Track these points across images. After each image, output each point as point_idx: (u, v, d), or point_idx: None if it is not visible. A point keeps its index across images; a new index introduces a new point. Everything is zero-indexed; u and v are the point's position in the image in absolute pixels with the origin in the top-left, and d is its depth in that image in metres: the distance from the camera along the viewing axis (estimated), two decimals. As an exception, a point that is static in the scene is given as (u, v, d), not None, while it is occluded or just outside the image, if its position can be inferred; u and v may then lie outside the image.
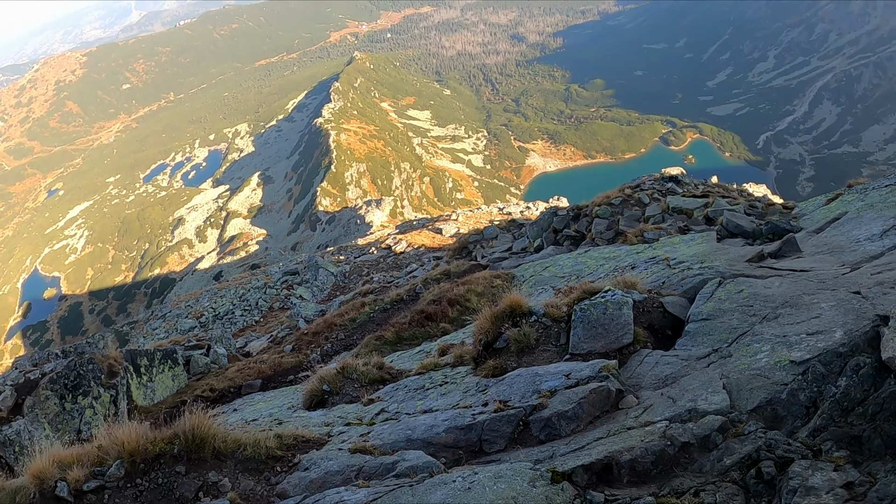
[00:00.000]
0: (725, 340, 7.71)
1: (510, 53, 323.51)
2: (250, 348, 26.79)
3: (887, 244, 10.57)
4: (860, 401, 5.56)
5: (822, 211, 16.89)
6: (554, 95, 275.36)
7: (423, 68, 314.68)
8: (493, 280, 19.38)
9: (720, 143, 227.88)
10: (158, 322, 54.68)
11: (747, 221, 17.87)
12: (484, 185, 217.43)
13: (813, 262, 10.39)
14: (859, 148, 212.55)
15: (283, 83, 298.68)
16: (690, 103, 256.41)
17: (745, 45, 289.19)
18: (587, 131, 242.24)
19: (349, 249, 60.77)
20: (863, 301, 7.33)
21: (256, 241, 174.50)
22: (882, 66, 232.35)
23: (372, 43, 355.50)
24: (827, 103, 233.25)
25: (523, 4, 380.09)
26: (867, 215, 13.10)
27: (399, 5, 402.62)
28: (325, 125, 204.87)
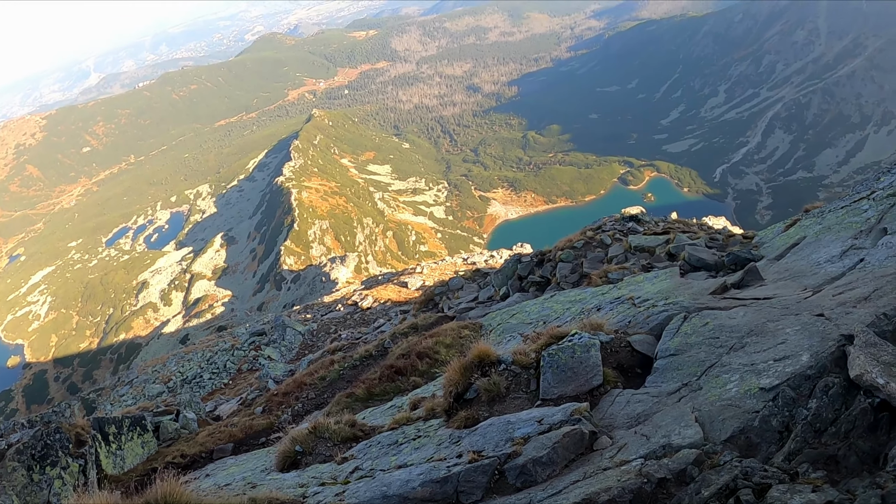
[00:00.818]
0: (694, 374, 7.71)
1: (466, 104, 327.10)
2: (220, 412, 26.39)
3: (847, 264, 10.69)
4: (832, 420, 5.62)
5: (782, 237, 17.09)
6: (512, 143, 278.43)
7: (381, 123, 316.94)
8: (461, 331, 19.31)
9: (678, 180, 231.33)
10: (126, 388, 53.78)
11: (709, 254, 18.04)
12: (447, 236, 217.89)
13: (775, 289, 10.47)
14: (814, 173, 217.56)
15: (243, 143, 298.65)
16: (646, 142, 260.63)
17: (695, 82, 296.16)
18: (546, 177, 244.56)
19: (316, 307, 60.38)
20: (827, 322, 7.39)
21: (222, 303, 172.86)
22: (830, 92, 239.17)
23: (330, 100, 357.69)
24: (779, 132, 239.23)
25: (477, 55, 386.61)
26: (826, 238, 13.28)
27: (355, 61, 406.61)
28: (287, 183, 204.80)
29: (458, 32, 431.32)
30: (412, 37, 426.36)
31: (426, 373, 17.33)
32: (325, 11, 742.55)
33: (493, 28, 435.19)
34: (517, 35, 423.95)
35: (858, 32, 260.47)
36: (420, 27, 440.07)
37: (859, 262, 10.66)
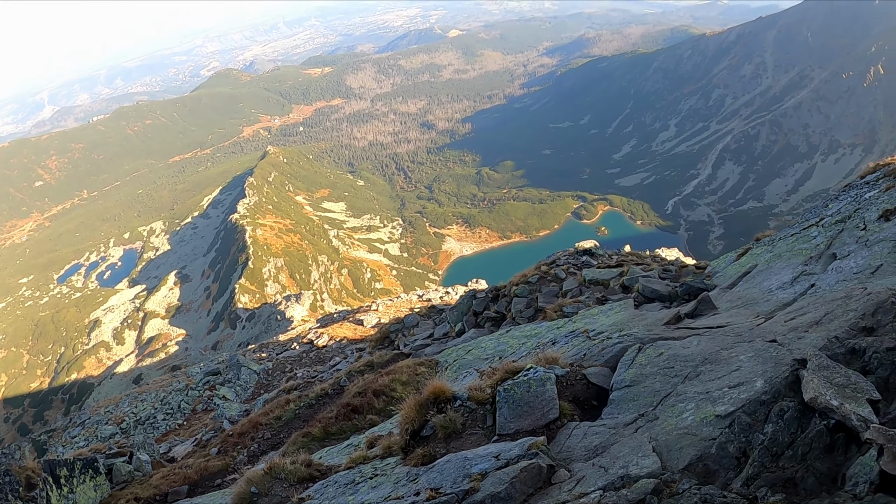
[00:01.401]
0: (650, 404, 7.70)
1: (421, 141, 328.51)
2: (175, 453, 25.91)
3: (798, 290, 10.82)
4: (789, 444, 5.65)
5: (734, 266, 17.28)
6: (466, 180, 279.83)
7: (336, 160, 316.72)
8: (417, 368, 19.22)
9: (631, 213, 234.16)
10: (77, 430, 52.53)
11: (662, 285, 18.14)
12: (402, 273, 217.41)
13: (728, 317, 10.54)
14: (764, 202, 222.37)
15: (197, 179, 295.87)
16: (599, 177, 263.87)
17: (646, 117, 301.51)
18: (501, 212, 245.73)
19: (271, 346, 59.82)
20: (779, 348, 7.46)
21: (176, 342, 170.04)
22: (777, 123, 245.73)
23: (285, 137, 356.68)
24: (729, 163, 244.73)
25: (431, 93, 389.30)
26: (777, 265, 13.44)
27: (310, 98, 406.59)
28: (241, 221, 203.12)
29: (412, 70, 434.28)
30: (367, 74, 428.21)
31: (383, 411, 17.18)
32: (281, 48, 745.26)
33: (446, 66, 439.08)
34: (471, 72, 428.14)
35: (804, 65, 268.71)
36: (375, 65, 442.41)
37: (810, 287, 10.80)
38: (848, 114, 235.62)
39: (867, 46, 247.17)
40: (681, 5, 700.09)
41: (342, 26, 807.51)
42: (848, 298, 8.11)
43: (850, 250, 11.63)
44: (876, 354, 6.34)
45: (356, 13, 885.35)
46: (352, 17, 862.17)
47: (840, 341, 6.93)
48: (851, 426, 5.33)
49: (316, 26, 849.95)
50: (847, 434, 5.37)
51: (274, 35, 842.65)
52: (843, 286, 9.87)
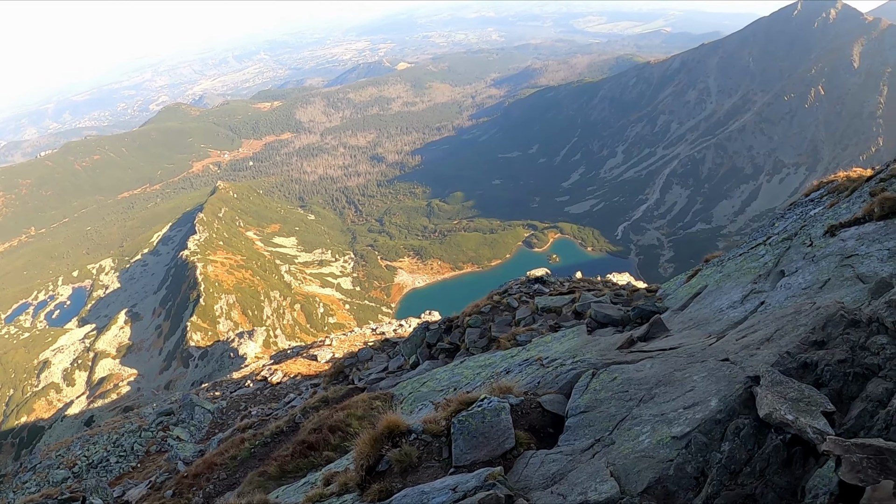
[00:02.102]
0: (606, 429, 7.66)
1: (371, 174, 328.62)
2: (129, 497, 25.36)
3: (748, 308, 10.92)
4: (747, 461, 5.65)
5: (685, 288, 17.44)
6: (416, 212, 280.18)
7: (286, 194, 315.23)
8: (373, 402, 19.05)
9: (581, 239, 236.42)
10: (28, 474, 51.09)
11: (614, 310, 18.22)
12: (355, 307, 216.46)
13: (681, 339, 10.57)
14: (712, 224, 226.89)
15: (146, 215, 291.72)
16: (549, 205, 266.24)
17: (594, 145, 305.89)
18: (452, 243, 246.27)
19: (225, 384, 58.91)
20: (732, 367, 7.48)
21: (128, 382, 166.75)
22: (722, 147, 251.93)
23: (235, 171, 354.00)
24: (676, 187, 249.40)
25: (381, 125, 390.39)
26: (726, 285, 13.58)
27: (260, 133, 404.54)
28: (192, 257, 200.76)
29: (361, 103, 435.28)
30: (316, 108, 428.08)
31: (339, 447, 16.97)
32: (231, 82, 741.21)
33: (396, 98, 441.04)
34: (420, 105, 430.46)
35: (747, 89, 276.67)
36: (324, 98, 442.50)
37: (760, 305, 10.91)
38: (791, 134, 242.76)
39: (807, 69, 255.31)
40: (625, 34, 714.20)
41: (291, 60, 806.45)
42: (798, 314, 8.16)
43: (797, 266, 11.79)
44: (828, 367, 6.39)
45: (305, 47, 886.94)
46: (301, 50, 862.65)
47: (792, 356, 6.96)
48: (808, 439, 5.36)
49: (265, 60, 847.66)
50: (804, 447, 5.41)
51: (223, 69, 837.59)
52: (792, 302, 9.97)
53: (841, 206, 14.95)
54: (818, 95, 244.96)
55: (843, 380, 6.15)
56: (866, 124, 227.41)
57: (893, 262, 9.90)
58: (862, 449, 4.79)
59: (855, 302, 8.82)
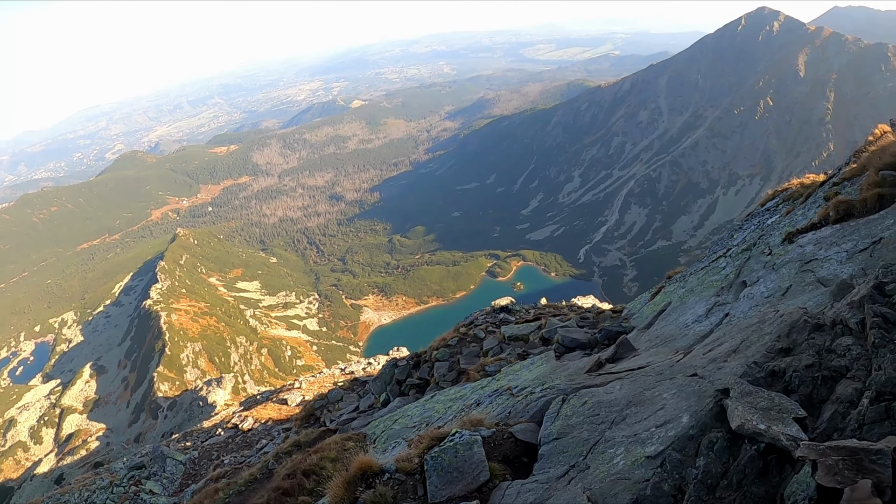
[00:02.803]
0: (580, 454, 7.62)
1: (331, 214, 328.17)
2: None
3: (713, 321, 10.95)
4: (723, 474, 5.64)
5: (650, 306, 17.50)
6: (378, 249, 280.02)
7: (247, 238, 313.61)
8: (345, 443, 18.81)
9: (544, 265, 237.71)
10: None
11: (581, 333, 18.19)
12: (323, 347, 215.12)
13: (648, 357, 10.58)
14: (672, 240, 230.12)
15: (107, 266, 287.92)
16: (510, 234, 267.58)
17: (550, 171, 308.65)
18: (416, 278, 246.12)
19: (195, 434, 58.06)
20: (701, 381, 7.49)
21: (96, 437, 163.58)
22: (677, 163, 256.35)
23: (194, 218, 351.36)
24: (635, 207, 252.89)
25: (338, 164, 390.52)
26: (690, 300, 13.64)
27: (218, 177, 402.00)
28: (155, 307, 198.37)
29: (317, 143, 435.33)
30: (273, 150, 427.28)
31: (314, 491, 16.72)
32: (186, 127, 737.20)
33: (351, 136, 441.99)
34: (376, 141, 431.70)
35: (697, 106, 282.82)
36: (280, 140, 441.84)
37: (725, 317, 10.94)
38: (743, 146, 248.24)
39: (755, 82, 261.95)
40: (575, 60, 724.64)
41: (246, 103, 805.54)
42: (762, 323, 8.19)
43: (759, 276, 11.87)
44: (796, 373, 6.41)
45: (259, 89, 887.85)
46: (255, 93, 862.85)
47: (759, 366, 6.97)
48: (782, 447, 5.37)
49: (220, 104, 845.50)
50: (779, 455, 5.40)
51: (178, 115, 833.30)
52: (756, 311, 10.01)
53: (797, 212, 15.15)
54: (767, 106, 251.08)
55: (812, 384, 6.17)
56: (816, 131, 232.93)
57: (853, 264, 9.99)
58: (837, 451, 4.79)
59: (818, 306, 8.86)
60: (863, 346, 6.18)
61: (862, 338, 6.36)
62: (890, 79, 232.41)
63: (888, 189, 11.95)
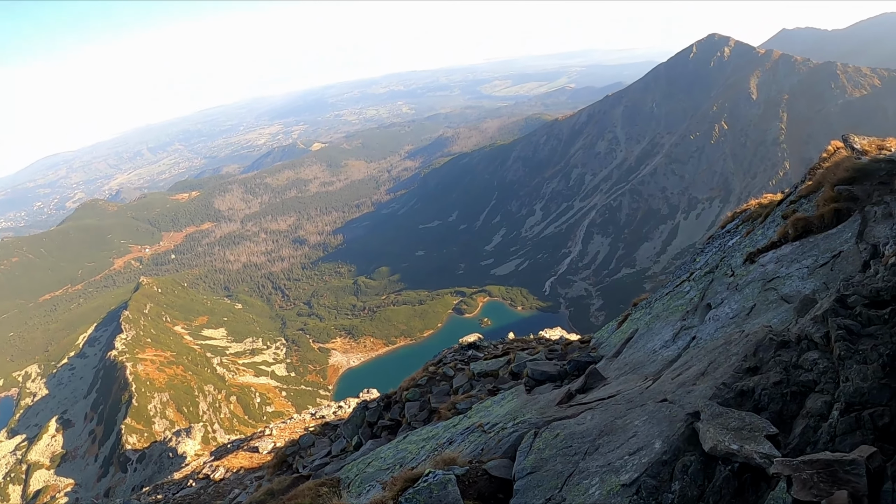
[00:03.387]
0: (556, 487, 7.59)
1: (294, 258, 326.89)
2: None
3: (681, 345, 10.98)
4: (699, 496, 5.69)
5: (617, 334, 17.56)
6: (344, 291, 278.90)
7: (211, 285, 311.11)
8: (319, 489, 18.58)
9: (510, 300, 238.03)
10: None
11: (550, 366, 18.17)
12: (292, 392, 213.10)
13: (618, 386, 10.57)
14: (636, 267, 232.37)
15: (70, 317, 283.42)
16: (475, 270, 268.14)
17: (512, 205, 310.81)
18: (382, 319, 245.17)
19: (166, 486, 57.06)
20: (671, 406, 7.50)
21: (65, 493, 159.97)
22: (637, 191, 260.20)
23: (157, 266, 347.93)
24: (597, 237, 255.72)
25: (300, 208, 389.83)
26: (656, 325, 13.69)
27: (180, 224, 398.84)
28: (120, 357, 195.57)
29: (279, 187, 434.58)
30: (235, 195, 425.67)
31: (289, 539, 16.45)
32: (147, 175, 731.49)
33: (313, 179, 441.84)
34: (337, 184, 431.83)
35: (654, 134, 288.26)
36: (242, 185, 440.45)
37: (692, 340, 10.98)
38: (701, 171, 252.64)
39: (709, 107, 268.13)
40: (531, 95, 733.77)
41: (206, 149, 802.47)
42: (728, 344, 8.22)
43: (722, 297, 11.96)
44: (765, 391, 6.44)
45: (219, 135, 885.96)
46: (215, 139, 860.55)
47: (728, 387, 6.99)
48: (756, 465, 5.41)
49: (180, 150, 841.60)
50: (753, 473, 5.44)
51: (139, 162, 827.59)
52: (722, 333, 10.06)
53: (757, 232, 15.36)
54: (722, 130, 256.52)
55: (781, 401, 6.21)
56: (771, 151, 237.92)
57: (814, 279, 10.10)
58: (810, 465, 4.79)
59: (782, 323, 8.93)
60: (829, 360, 6.24)
61: (828, 351, 6.42)
62: (840, 95, 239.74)
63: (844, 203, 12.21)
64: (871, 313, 6.61)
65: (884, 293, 6.90)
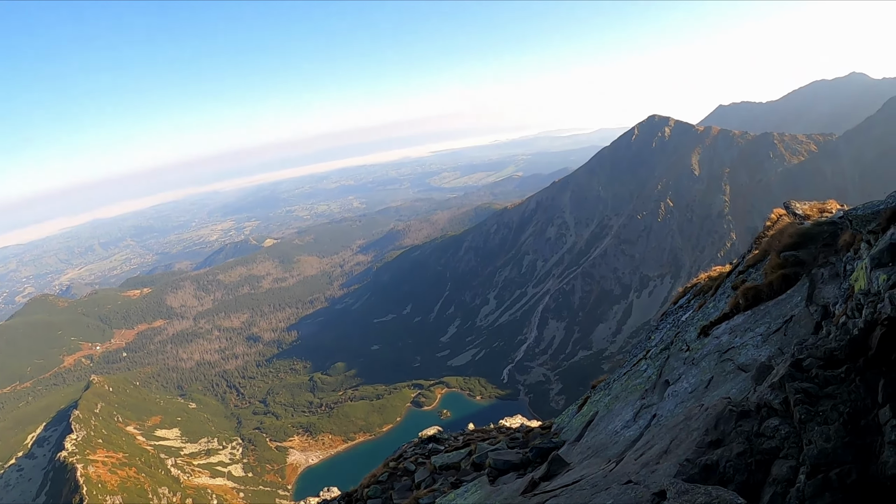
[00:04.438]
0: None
1: (249, 355, 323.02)
2: None
3: (642, 424, 10.94)
4: None
5: (578, 418, 17.46)
6: (300, 388, 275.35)
7: (164, 384, 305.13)
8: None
9: (469, 390, 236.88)
10: None
11: (513, 454, 17.98)
12: (250, 493, 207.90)
13: (582, 471, 10.46)
14: (593, 349, 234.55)
15: (18, 416, 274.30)
16: (431, 362, 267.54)
17: (466, 296, 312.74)
18: (340, 415, 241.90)
19: None
20: (636, 487, 7.38)
21: None
22: (589, 274, 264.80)
23: (108, 364, 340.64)
24: (553, 322, 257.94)
25: (253, 305, 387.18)
26: (616, 406, 13.66)
27: (131, 322, 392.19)
28: (70, 458, 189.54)
29: (232, 284, 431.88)
30: (187, 292, 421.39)
31: None
32: (98, 270, 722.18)
33: (265, 276, 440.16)
34: (290, 280, 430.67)
35: (602, 216, 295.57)
36: (194, 282, 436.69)
37: (652, 419, 10.95)
38: (650, 249, 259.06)
39: (654, 186, 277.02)
40: (480, 185, 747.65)
41: (158, 245, 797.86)
42: (689, 419, 8.18)
43: (680, 373, 12.00)
44: (729, 463, 6.40)
45: (171, 231, 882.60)
46: (167, 234, 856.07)
47: (692, 462, 6.93)
48: None
49: (132, 246, 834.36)
50: None
51: (90, 257, 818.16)
52: (682, 408, 10.06)
53: (708, 305, 15.61)
54: (668, 208, 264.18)
55: (746, 471, 6.18)
56: (717, 224, 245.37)
57: (769, 345, 10.20)
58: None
59: (741, 392, 8.97)
60: (790, 425, 6.24)
61: (788, 416, 6.43)
62: (779, 163, 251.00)
63: (791, 269, 12.54)
64: (828, 374, 6.66)
65: (838, 353, 6.97)
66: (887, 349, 6.56)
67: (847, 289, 9.73)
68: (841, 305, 9.47)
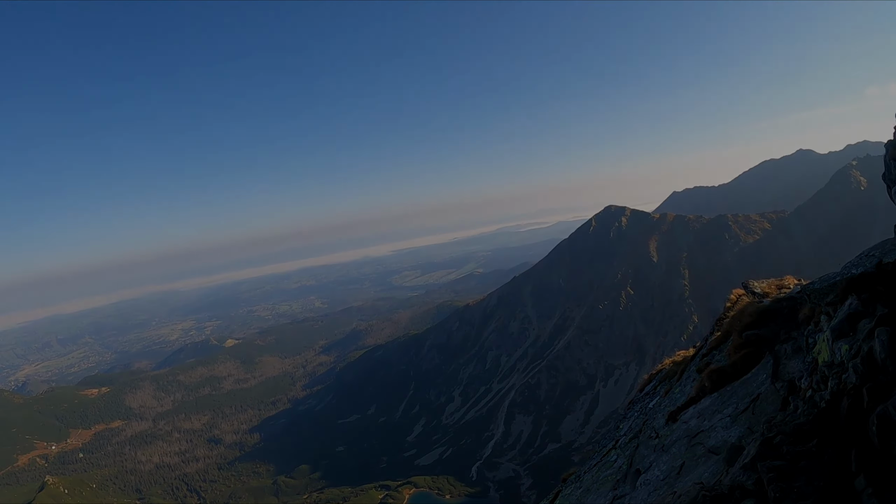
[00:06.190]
0: None
1: (210, 458, 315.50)
2: None
3: (618, 513, 10.70)
4: None
5: (551, 514, 17.07)
6: (263, 491, 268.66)
7: (122, 487, 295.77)
8: None
9: (437, 489, 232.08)
10: None
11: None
12: None
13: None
14: (562, 441, 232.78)
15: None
16: (398, 462, 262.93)
17: (430, 394, 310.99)
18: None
19: None
20: None
21: None
22: (554, 366, 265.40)
23: (64, 464, 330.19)
24: (519, 416, 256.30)
25: (215, 406, 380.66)
26: (589, 499, 13.43)
27: (89, 421, 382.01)
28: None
29: (192, 384, 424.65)
30: (146, 392, 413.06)
31: None
32: (55, 367, 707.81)
33: (227, 376, 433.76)
34: (251, 381, 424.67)
35: (563, 308, 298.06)
36: (154, 382, 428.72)
37: (626, 510, 10.71)
38: (613, 338, 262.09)
39: (614, 275, 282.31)
40: (441, 283, 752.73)
41: (117, 343, 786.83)
42: (661, 509, 8.03)
43: (651, 461, 11.86)
44: None
45: (131, 329, 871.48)
46: (126, 333, 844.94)
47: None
48: None
49: (90, 343, 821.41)
50: None
51: (47, 353, 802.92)
52: (655, 497, 9.92)
53: (675, 391, 15.58)
54: (629, 296, 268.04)
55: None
56: (678, 308, 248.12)
57: (738, 426, 10.15)
58: None
59: (714, 475, 8.86)
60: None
61: (763, 496, 6.34)
62: (735, 244, 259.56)
63: (754, 347, 12.64)
64: (798, 449, 6.62)
65: (807, 427, 6.95)
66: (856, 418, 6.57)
67: (811, 362, 9.81)
68: (806, 379, 9.52)
